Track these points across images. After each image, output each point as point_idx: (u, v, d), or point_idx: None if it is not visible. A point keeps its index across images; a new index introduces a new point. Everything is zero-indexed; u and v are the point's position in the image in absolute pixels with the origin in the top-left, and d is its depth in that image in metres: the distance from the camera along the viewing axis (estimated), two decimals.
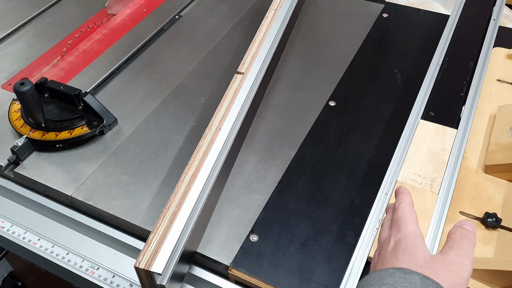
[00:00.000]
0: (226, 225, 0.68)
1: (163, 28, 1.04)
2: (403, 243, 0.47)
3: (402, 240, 0.48)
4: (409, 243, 0.47)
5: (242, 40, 1.00)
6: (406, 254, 0.46)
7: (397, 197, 0.55)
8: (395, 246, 0.48)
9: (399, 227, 0.50)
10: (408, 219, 0.50)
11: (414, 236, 0.48)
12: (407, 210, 0.52)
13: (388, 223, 0.54)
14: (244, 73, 0.79)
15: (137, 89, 0.90)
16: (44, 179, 0.74)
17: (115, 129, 0.82)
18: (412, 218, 0.50)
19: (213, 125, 0.71)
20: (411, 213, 0.51)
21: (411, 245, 0.47)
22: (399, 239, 0.48)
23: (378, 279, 0.43)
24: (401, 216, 0.51)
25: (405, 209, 0.52)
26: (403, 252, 0.46)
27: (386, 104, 0.84)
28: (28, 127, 0.79)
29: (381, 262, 0.47)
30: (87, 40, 1.01)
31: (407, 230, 0.48)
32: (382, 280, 0.43)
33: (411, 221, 0.50)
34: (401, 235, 0.48)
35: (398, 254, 0.46)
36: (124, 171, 0.75)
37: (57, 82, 0.81)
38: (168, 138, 0.80)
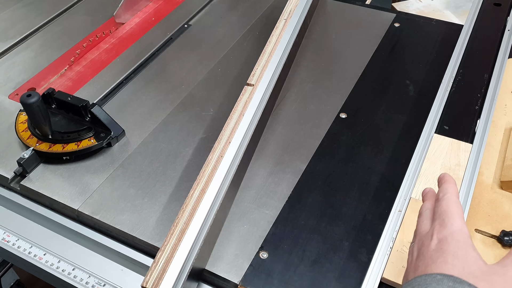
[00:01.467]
0: (235, 241, 0.66)
1: (172, 37, 1.03)
2: (451, 243, 0.42)
3: (449, 239, 0.42)
4: (459, 246, 0.42)
5: (251, 50, 0.99)
6: (457, 259, 0.41)
7: (441, 186, 0.49)
8: (440, 245, 0.42)
9: (443, 222, 0.44)
10: (455, 213, 0.45)
11: (463, 237, 0.43)
12: (453, 202, 0.46)
13: (428, 214, 0.48)
14: (254, 85, 0.77)
15: (145, 99, 0.89)
16: (51, 192, 0.73)
17: (123, 141, 0.81)
18: (459, 213, 0.45)
19: (222, 138, 0.69)
20: (458, 207, 0.46)
21: (463, 249, 0.41)
22: (445, 237, 0.43)
23: (423, 284, 0.39)
24: (446, 209, 0.45)
25: (450, 202, 0.46)
26: (453, 256, 0.41)
27: (399, 116, 0.83)
28: (35, 139, 0.78)
29: (424, 262, 0.42)
30: (95, 50, 1.00)
31: (454, 227, 0.43)
32: (427, 287, 0.39)
33: (458, 216, 0.45)
34: (447, 232, 0.43)
35: (447, 257, 0.41)
36: (132, 185, 0.74)
37: (64, 93, 0.81)
38: (176, 151, 0.79)
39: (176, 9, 1.11)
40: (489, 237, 0.64)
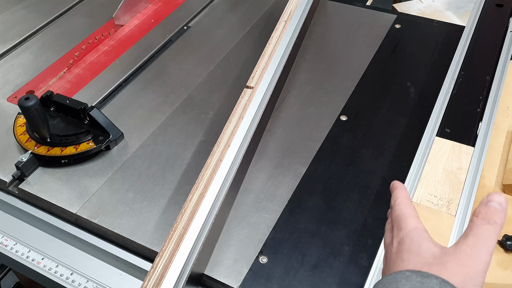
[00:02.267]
0: (234, 246, 0.65)
1: (171, 39, 1.02)
2: (406, 242, 0.44)
3: (405, 238, 0.44)
4: (413, 241, 0.43)
5: (251, 51, 0.98)
6: (412, 253, 0.42)
7: (392, 193, 0.50)
8: (398, 247, 0.44)
9: (399, 225, 0.46)
10: (407, 214, 0.46)
11: (417, 233, 0.44)
12: (405, 205, 0.47)
13: (389, 227, 0.49)
14: (253, 88, 0.77)
15: (145, 102, 0.88)
16: (49, 196, 0.73)
17: (122, 144, 0.80)
18: (411, 213, 0.47)
19: (221, 142, 0.69)
20: (410, 208, 0.47)
21: (416, 243, 0.43)
22: (402, 238, 0.45)
23: (393, 282, 0.40)
24: (399, 213, 0.47)
25: (402, 205, 0.48)
26: (408, 252, 0.43)
27: (399, 118, 0.82)
28: (33, 142, 0.78)
29: (388, 267, 0.44)
30: (94, 52, 1.00)
31: (408, 227, 0.45)
32: (397, 284, 0.39)
33: (410, 217, 0.46)
34: (403, 233, 0.45)
35: (403, 254, 0.43)
36: (130, 188, 0.74)
37: (63, 96, 0.80)
38: (175, 154, 0.79)
39: (175, 11, 1.11)
40: None
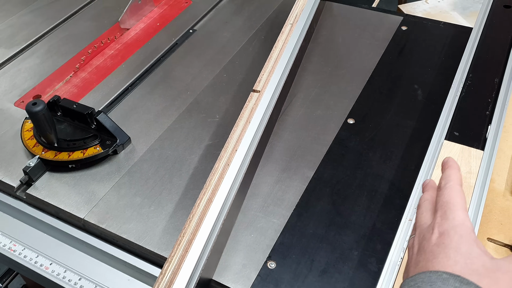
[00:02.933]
0: (242, 251, 0.65)
1: (177, 43, 1.02)
2: (453, 238, 0.39)
3: (451, 233, 0.40)
4: (462, 240, 0.39)
5: (257, 54, 0.98)
6: (460, 254, 0.38)
7: (444, 172, 0.45)
8: (442, 240, 0.40)
9: (445, 214, 0.42)
10: (457, 205, 0.42)
11: (466, 231, 0.40)
12: (456, 192, 0.43)
13: (428, 205, 0.45)
14: (260, 91, 0.76)
15: (151, 106, 0.88)
16: (57, 201, 0.73)
17: (129, 148, 0.80)
18: (461, 204, 0.42)
19: (228, 146, 0.68)
20: (461, 197, 0.43)
21: (466, 244, 0.39)
22: (447, 230, 0.40)
23: (428, 282, 0.37)
24: (448, 200, 0.42)
25: (453, 191, 0.43)
26: (455, 251, 0.39)
27: (407, 121, 0.81)
28: (41, 147, 0.78)
29: (425, 257, 0.40)
30: (100, 56, 1.00)
31: (456, 221, 0.41)
32: (432, 285, 0.37)
33: (460, 208, 0.42)
34: (449, 225, 0.40)
35: (449, 252, 0.39)
36: (138, 193, 0.73)
37: (70, 101, 0.80)
38: (182, 158, 0.78)
39: (181, 14, 1.11)
40: (502, 246, 0.62)
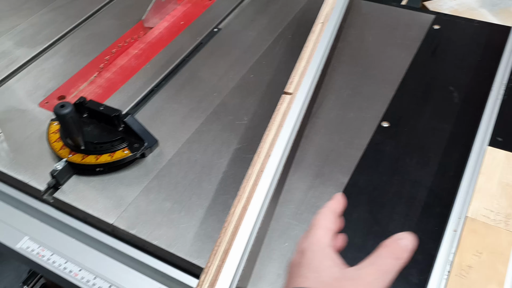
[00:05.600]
0: (277, 260, 0.63)
1: (202, 42, 1.00)
2: (307, 255, 0.43)
3: (307, 250, 0.44)
4: (314, 256, 0.43)
5: (284, 54, 0.95)
6: (311, 270, 0.42)
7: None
8: (299, 259, 0.44)
9: (308, 234, 0.46)
10: (319, 224, 0.46)
11: (320, 246, 0.44)
12: (322, 215, 0.47)
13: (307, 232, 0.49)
14: (292, 94, 0.74)
15: (178, 108, 0.86)
16: (85, 205, 0.71)
17: (156, 152, 0.78)
18: (323, 224, 0.46)
19: (261, 151, 0.66)
20: (325, 218, 0.47)
21: (317, 259, 0.43)
22: (304, 249, 0.44)
23: None
24: (314, 222, 0.47)
25: (320, 215, 0.48)
26: (307, 269, 0.42)
27: (444, 125, 0.79)
28: (67, 150, 0.76)
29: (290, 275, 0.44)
30: (124, 55, 0.98)
31: (314, 238, 0.44)
32: None
33: (320, 227, 0.46)
34: (306, 243, 0.44)
35: (303, 270, 0.42)
36: (167, 197, 0.72)
37: (96, 102, 0.78)
38: (211, 162, 0.76)
39: (204, 13, 1.08)
40: None
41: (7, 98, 0.91)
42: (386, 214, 0.67)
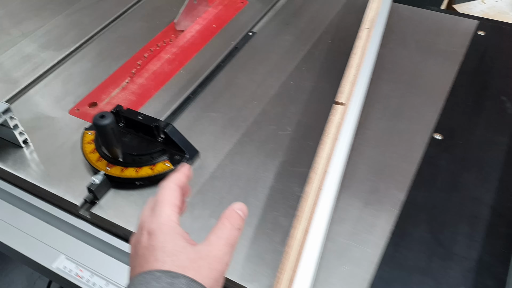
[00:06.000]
0: (337, 285, 0.59)
1: (237, 47, 0.96)
2: (159, 237, 0.42)
3: (157, 232, 0.42)
4: (166, 238, 0.42)
5: (325, 60, 0.91)
6: (166, 254, 0.41)
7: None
8: (150, 242, 0.42)
9: (154, 212, 0.44)
10: (165, 201, 0.45)
11: (170, 226, 0.43)
12: (168, 189, 0.46)
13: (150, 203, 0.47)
14: (345, 104, 0.70)
15: (216, 117, 0.82)
16: (124, 222, 0.67)
17: (197, 164, 0.74)
18: (170, 200, 0.45)
19: (318, 167, 0.62)
20: (172, 194, 0.46)
21: (170, 241, 0.42)
22: (154, 230, 0.43)
23: (144, 283, 0.39)
24: (159, 198, 0.45)
25: (165, 189, 0.46)
26: (162, 252, 0.41)
27: (499, 138, 0.75)
28: (104, 162, 0.72)
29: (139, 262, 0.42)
30: (157, 60, 0.94)
31: (162, 218, 0.43)
32: (147, 285, 0.39)
33: (167, 204, 0.44)
34: (155, 224, 0.43)
35: (157, 254, 0.41)
36: (213, 214, 0.68)
37: (134, 111, 0.75)
38: (256, 175, 0.72)
39: (237, 15, 1.04)
40: None
41: (34, 104, 0.87)
42: (449, 235, 0.63)
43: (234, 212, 0.46)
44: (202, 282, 0.40)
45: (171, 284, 0.39)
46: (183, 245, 0.42)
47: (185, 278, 0.39)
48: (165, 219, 0.43)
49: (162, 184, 0.47)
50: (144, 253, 0.42)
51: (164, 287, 0.38)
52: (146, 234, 0.43)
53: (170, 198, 0.45)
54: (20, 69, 0.94)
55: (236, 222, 0.45)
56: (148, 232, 0.43)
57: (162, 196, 0.46)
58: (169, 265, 0.40)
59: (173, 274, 0.39)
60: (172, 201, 0.45)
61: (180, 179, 0.48)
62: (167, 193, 0.46)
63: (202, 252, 0.42)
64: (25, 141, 0.78)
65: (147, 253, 0.42)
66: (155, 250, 0.41)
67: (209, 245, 0.43)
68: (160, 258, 0.41)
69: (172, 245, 0.42)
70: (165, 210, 0.44)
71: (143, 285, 0.39)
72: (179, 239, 0.42)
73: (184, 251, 0.41)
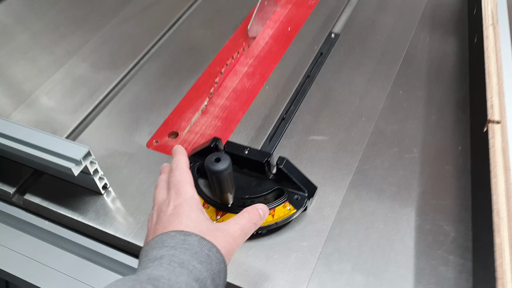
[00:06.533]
0: None
1: (322, 52, 0.83)
2: (185, 208, 0.47)
3: (184, 204, 0.48)
4: (192, 210, 0.47)
5: (430, 62, 0.79)
6: (190, 220, 0.46)
7: (174, 158, 0.55)
8: (176, 210, 0.47)
9: (178, 190, 0.50)
10: (187, 182, 0.51)
11: (195, 202, 0.49)
12: (185, 172, 0.52)
13: (164, 185, 0.53)
14: (501, 122, 0.58)
15: (323, 141, 0.69)
16: (251, 284, 0.55)
17: (318, 202, 0.62)
18: (190, 182, 0.51)
19: (500, 209, 0.50)
20: (189, 176, 0.52)
21: (195, 212, 0.47)
22: (180, 203, 0.48)
23: (160, 242, 0.44)
24: (179, 179, 0.51)
25: (182, 172, 0.52)
26: (187, 218, 0.46)
27: None
28: (212, 209, 0.60)
29: (162, 225, 0.46)
30: (233, 75, 0.81)
31: (187, 195, 0.49)
32: (163, 243, 0.44)
33: (189, 185, 0.51)
34: (181, 199, 0.48)
35: (182, 219, 0.46)
36: (356, 268, 0.56)
37: (237, 144, 0.62)
38: (393, 212, 0.60)
39: (312, 15, 0.91)
40: None
41: (103, 137, 0.74)
42: None
43: (256, 209, 0.51)
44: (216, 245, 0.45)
45: (184, 240, 0.44)
46: (205, 218, 0.48)
47: (196, 236, 0.44)
48: (190, 196, 0.49)
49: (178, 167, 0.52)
50: (170, 219, 0.47)
51: (178, 242, 0.44)
52: (172, 206, 0.48)
53: (189, 180, 0.51)
54: (75, 95, 0.81)
55: (254, 218, 0.50)
56: (174, 206, 0.48)
57: (181, 178, 0.51)
58: (190, 228, 0.45)
59: (186, 233, 0.44)
60: (191, 182, 0.51)
61: (187, 161, 0.54)
62: (185, 175, 0.51)
63: (221, 227, 0.47)
64: (105, 186, 0.66)
65: (173, 218, 0.46)
66: (180, 216, 0.46)
67: (227, 225, 0.48)
68: (185, 222, 0.46)
69: (196, 215, 0.47)
70: (188, 190, 0.50)
71: (159, 243, 0.44)
72: (201, 214, 0.48)
73: (205, 222, 0.47)
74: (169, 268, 0.41)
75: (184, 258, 0.42)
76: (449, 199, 0.61)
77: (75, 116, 0.77)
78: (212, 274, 0.43)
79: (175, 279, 0.40)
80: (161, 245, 0.43)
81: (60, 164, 0.58)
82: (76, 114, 0.78)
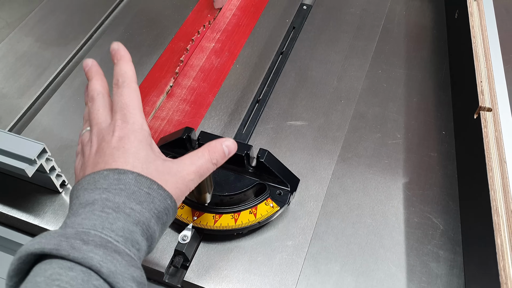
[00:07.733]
0: None
1: (294, 26, 0.77)
2: (133, 143, 0.41)
3: (131, 137, 0.41)
4: (141, 145, 0.41)
5: (406, 38, 0.75)
6: (138, 159, 0.40)
7: (118, 65, 0.45)
8: (122, 143, 0.41)
9: (125, 117, 0.42)
10: (136, 108, 0.43)
11: (144, 135, 0.42)
12: (134, 93, 0.43)
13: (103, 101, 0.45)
14: (492, 109, 0.55)
15: (302, 127, 0.65)
16: None
17: (300, 195, 0.58)
18: (139, 107, 0.43)
19: (497, 206, 0.48)
20: (138, 98, 0.44)
21: (143, 149, 0.41)
22: (127, 135, 0.41)
23: (92, 182, 0.39)
24: (127, 102, 0.43)
25: (131, 92, 0.43)
26: (134, 156, 0.40)
27: None
28: (188, 209, 0.55)
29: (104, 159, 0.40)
30: (199, 51, 0.74)
31: (136, 125, 0.42)
32: (96, 184, 0.39)
33: (138, 111, 0.43)
34: (129, 129, 0.42)
35: (128, 157, 0.40)
36: (345, 268, 0.53)
37: (212, 135, 0.56)
38: (379, 203, 0.58)
39: None
40: None
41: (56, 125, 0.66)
42: None
43: (220, 146, 0.44)
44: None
45: (118, 180, 0.38)
46: (155, 157, 0.42)
47: (133, 174, 0.39)
48: (138, 126, 0.42)
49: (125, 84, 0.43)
50: (113, 153, 0.40)
51: (111, 183, 0.38)
52: (117, 137, 0.41)
53: (138, 103, 0.43)
54: (20, 75, 0.71)
55: (215, 157, 0.43)
56: (119, 137, 0.41)
57: (130, 99, 0.43)
58: (138, 170, 0.39)
59: (120, 171, 0.39)
60: (140, 105, 0.43)
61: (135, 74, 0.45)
62: (134, 97, 0.43)
63: (172, 170, 0.41)
64: (63, 183, 0.59)
65: (118, 154, 0.40)
66: (126, 152, 0.40)
67: (180, 165, 0.42)
68: (131, 161, 0.40)
69: (145, 153, 0.41)
70: (137, 118, 0.42)
71: (91, 184, 0.39)
72: (150, 151, 0.42)
73: (155, 162, 0.41)
74: (102, 216, 0.37)
75: (120, 200, 0.38)
76: (436, 188, 0.58)
77: (22, 100, 0.68)
78: (157, 213, 0.39)
79: (109, 227, 0.36)
80: (93, 187, 0.38)
81: (11, 164, 0.50)
82: (23, 99, 0.69)
